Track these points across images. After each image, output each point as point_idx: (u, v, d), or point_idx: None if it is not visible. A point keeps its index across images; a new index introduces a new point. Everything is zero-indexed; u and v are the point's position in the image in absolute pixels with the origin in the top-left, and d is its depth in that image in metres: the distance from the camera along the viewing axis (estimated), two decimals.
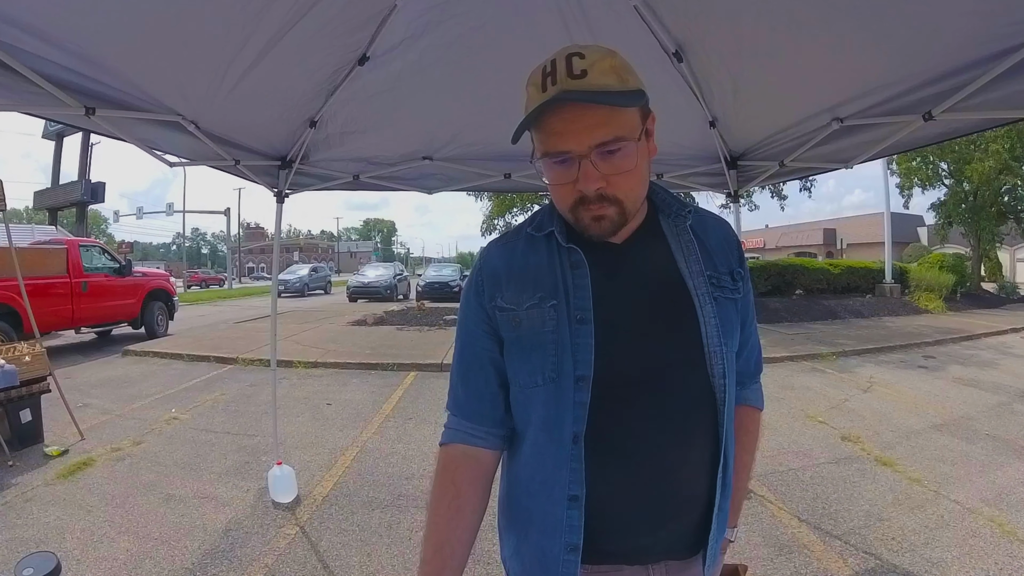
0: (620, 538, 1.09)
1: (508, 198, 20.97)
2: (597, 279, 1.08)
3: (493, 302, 1.13)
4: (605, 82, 0.95)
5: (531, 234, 1.17)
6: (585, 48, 0.98)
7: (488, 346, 1.15)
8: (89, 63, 2.18)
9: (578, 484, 1.03)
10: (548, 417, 1.07)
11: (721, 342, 1.07)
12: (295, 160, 3.70)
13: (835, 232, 44.89)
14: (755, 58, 2.61)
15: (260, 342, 11.36)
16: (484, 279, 1.16)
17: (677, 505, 1.09)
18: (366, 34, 2.58)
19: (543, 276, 1.11)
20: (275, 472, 4.24)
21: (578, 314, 1.05)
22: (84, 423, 5.95)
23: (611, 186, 1.00)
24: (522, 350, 1.10)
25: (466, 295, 1.21)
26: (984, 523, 3.83)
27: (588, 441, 1.03)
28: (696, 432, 1.09)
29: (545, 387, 1.06)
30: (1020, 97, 2.13)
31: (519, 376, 1.11)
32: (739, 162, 3.96)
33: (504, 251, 1.18)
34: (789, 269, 18.82)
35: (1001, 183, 20.95)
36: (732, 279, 1.16)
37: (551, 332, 1.06)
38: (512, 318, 1.10)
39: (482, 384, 1.17)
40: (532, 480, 1.12)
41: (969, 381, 8.25)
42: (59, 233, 18.21)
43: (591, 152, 0.97)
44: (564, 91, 0.94)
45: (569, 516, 1.04)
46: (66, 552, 3.45)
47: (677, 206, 1.18)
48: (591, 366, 1.03)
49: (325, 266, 44.29)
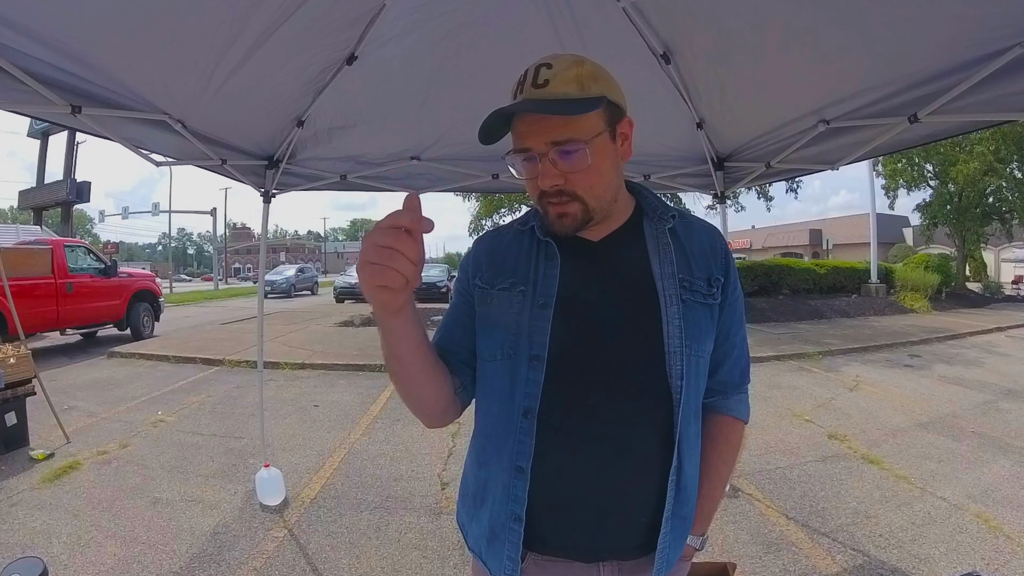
0: (565, 526, 1.14)
1: (496, 199, 20.92)
2: (567, 271, 1.17)
3: (474, 280, 1.25)
4: (564, 91, 1.04)
5: (518, 228, 1.28)
6: (556, 58, 1.07)
7: (466, 311, 1.27)
8: (75, 60, 2.15)
9: (524, 456, 1.12)
10: (503, 390, 1.16)
11: (683, 343, 1.12)
12: (282, 160, 3.68)
13: (821, 233, 45.17)
14: (742, 60, 2.63)
15: (247, 343, 11.28)
16: (471, 260, 1.29)
17: (622, 499, 1.13)
18: (354, 33, 2.57)
19: (519, 265, 1.21)
20: (262, 474, 4.21)
21: (541, 300, 1.15)
22: (70, 426, 5.87)
23: (569, 183, 1.08)
24: (488, 325, 1.21)
25: (459, 273, 1.33)
26: (970, 519, 3.87)
27: (541, 419, 1.11)
28: (646, 428, 1.13)
29: (503, 362, 1.17)
30: (1004, 100, 2.16)
31: (483, 349, 1.22)
32: (726, 163, 3.98)
33: (493, 240, 1.31)
34: (775, 269, 18.92)
35: (986, 184, 21.19)
36: (708, 285, 1.19)
37: (515, 314, 1.16)
38: (485, 296, 1.22)
39: (453, 333, 1.27)
40: (485, 450, 1.23)
41: (954, 379, 8.33)
42: (44, 233, 18.06)
43: (549, 150, 1.06)
44: (525, 99, 1.06)
45: (514, 486, 1.13)
46: (53, 557, 3.41)
47: (661, 209, 1.24)
48: (545, 347, 1.12)
49: (312, 267, 44.04)
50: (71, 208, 27.88)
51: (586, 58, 1.09)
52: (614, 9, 2.41)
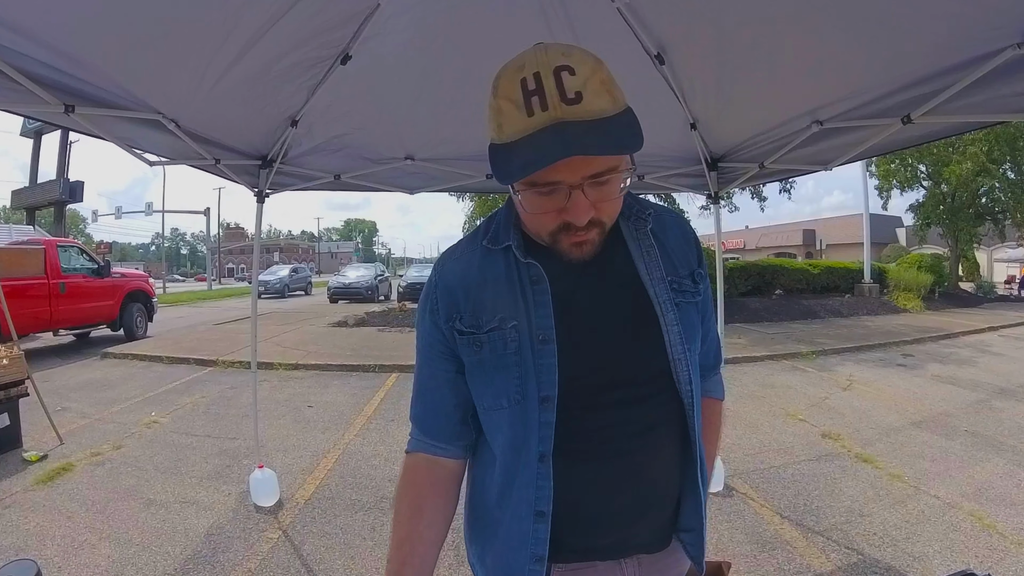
0: (591, 537, 1.09)
1: (490, 198, 20.91)
2: (558, 294, 1.05)
3: (451, 323, 1.09)
4: (600, 107, 0.86)
5: (487, 248, 1.12)
6: (569, 56, 0.88)
7: (444, 367, 1.14)
8: (68, 59, 2.14)
9: (545, 501, 1.03)
10: (515, 437, 1.06)
11: (684, 348, 1.07)
12: (276, 159, 3.66)
13: (815, 233, 45.28)
14: (736, 61, 2.64)
15: (240, 344, 11.27)
16: (439, 297, 1.12)
17: (647, 506, 1.10)
18: (348, 32, 2.56)
19: (502, 294, 1.07)
20: (256, 475, 4.20)
21: (540, 334, 1.03)
22: (63, 427, 5.85)
23: (597, 212, 0.95)
24: (485, 373, 1.08)
25: (420, 313, 1.17)
26: (964, 517, 3.89)
27: (556, 455, 1.03)
28: (664, 437, 1.09)
29: (511, 409, 1.05)
30: (998, 101, 2.17)
31: (483, 399, 1.10)
32: (720, 164, 3.98)
33: (459, 266, 1.14)
34: (769, 269, 19.00)
35: (979, 185, 21.32)
36: (693, 281, 1.15)
37: (513, 354, 1.04)
38: (473, 341, 1.07)
39: (439, 402, 1.16)
40: (501, 495, 1.11)
41: (947, 379, 8.37)
42: (37, 233, 17.95)
43: (583, 182, 0.90)
44: (562, 123, 0.84)
45: (536, 530, 1.04)
46: (47, 559, 3.40)
47: (638, 208, 1.15)
48: (555, 386, 1.01)
49: (306, 267, 44.06)
50: (64, 208, 27.80)
51: (596, 54, 0.92)
52: (608, 9, 2.41)
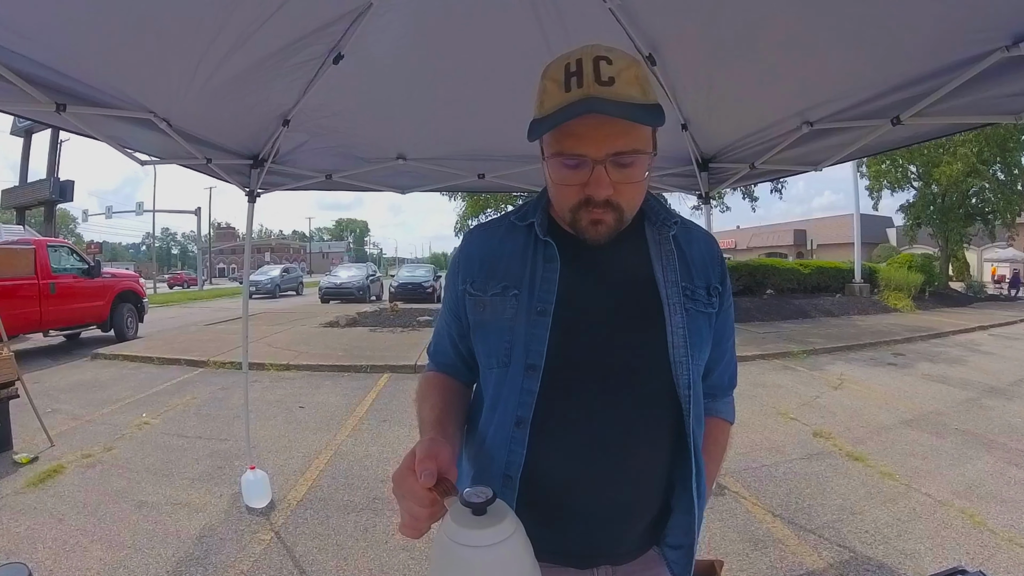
0: (559, 535, 1.10)
1: (482, 198, 20.97)
2: (567, 275, 1.10)
3: (464, 285, 1.18)
4: (631, 93, 0.94)
5: (513, 223, 1.20)
6: (611, 52, 0.96)
7: (450, 322, 1.24)
8: (60, 57, 2.13)
9: (515, 467, 1.07)
10: (497, 398, 1.11)
11: (688, 353, 1.08)
12: (267, 159, 3.65)
13: (805, 233, 45.60)
14: (728, 62, 2.64)
15: (231, 344, 11.21)
16: (461, 262, 1.22)
17: (623, 507, 1.11)
18: (340, 30, 2.56)
19: (513, 265, 1.15)
20: (248, 477, 4.18)
21: (539, 306, 1.08)
22: (54, 429, 5.80)
23: (617, 194, 1.00)
24: (484, 333, 1.15)
25: (448, 274, 1.28)
26: (955, 515, 3.92)
27: (535, 428, 1.06)
28: (654, 438, 1.10)
29: (498, 370, 1.12)
30: (987, 103, 2.19)
31: (480, 357, 1.18)
32: (710, 164, 3.98)
33: (483, 236, 1.23)
34: (760, 269, 19.09)
35: (969, 185, 21.50)
36: (708, 294, 1.16)
37: (509, 320, 1.11)
38: (478, 302, 1.16)
39: (446, 347, 1.28)
40: (477, 452, 1.17)
41: (938, 377, 8.44)
42: (27, 233, 17.81)
43: (607, 159, 0.96)
44: (592, 97, 0.92)
45: (502, 493, 1.03)
46: (38, 562, 3.38)
47: (664, 215, 1.18)
48: (543, 356, 1.06)
49: (297, 267, 43.97)
50: (54, 207, 27.56)
51: (636, 57, 1.01)
52: (601, 9, 2.41)
